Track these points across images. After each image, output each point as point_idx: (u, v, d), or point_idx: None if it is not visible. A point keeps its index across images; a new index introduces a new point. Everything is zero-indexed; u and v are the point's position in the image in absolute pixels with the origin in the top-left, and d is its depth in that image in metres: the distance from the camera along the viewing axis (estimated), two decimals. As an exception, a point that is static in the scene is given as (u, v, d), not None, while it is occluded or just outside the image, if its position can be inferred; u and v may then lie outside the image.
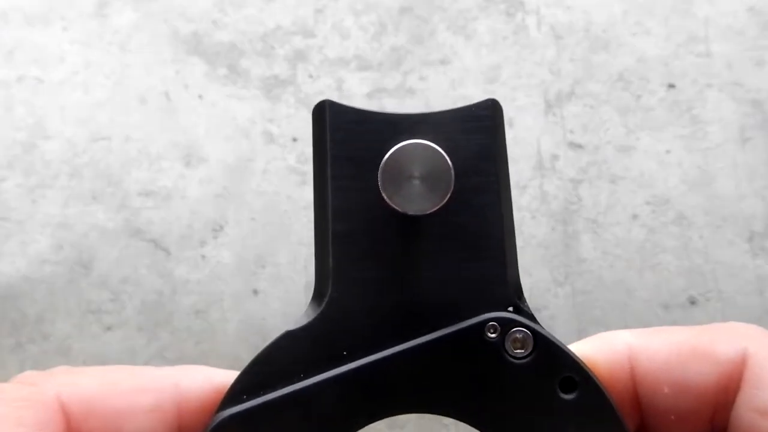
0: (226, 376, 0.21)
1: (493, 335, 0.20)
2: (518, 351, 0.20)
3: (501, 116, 0.22)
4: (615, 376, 0.21)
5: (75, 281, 0.81)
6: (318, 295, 0.21)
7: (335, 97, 0.89)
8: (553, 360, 0.20)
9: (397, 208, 0.20)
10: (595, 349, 0.21)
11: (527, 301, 0.22)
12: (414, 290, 0.21)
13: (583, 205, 0.83)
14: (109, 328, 0.80)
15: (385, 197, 0.20)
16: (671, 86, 0.88)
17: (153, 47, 0.91)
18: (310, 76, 0.89)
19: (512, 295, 0.21)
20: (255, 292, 0.81)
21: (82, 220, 0.83)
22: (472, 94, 0.87)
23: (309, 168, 0.93)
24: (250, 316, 0.80)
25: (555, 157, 0.85)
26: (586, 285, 0.80)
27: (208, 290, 0.81)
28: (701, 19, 0.91)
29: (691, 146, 0.85)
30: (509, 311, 0.21)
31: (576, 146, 0.85)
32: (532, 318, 0.21)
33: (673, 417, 0.20)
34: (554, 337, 0.21)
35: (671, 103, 0.87)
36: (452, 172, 0.20)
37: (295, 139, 0.86)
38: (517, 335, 0.20)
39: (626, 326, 0.78)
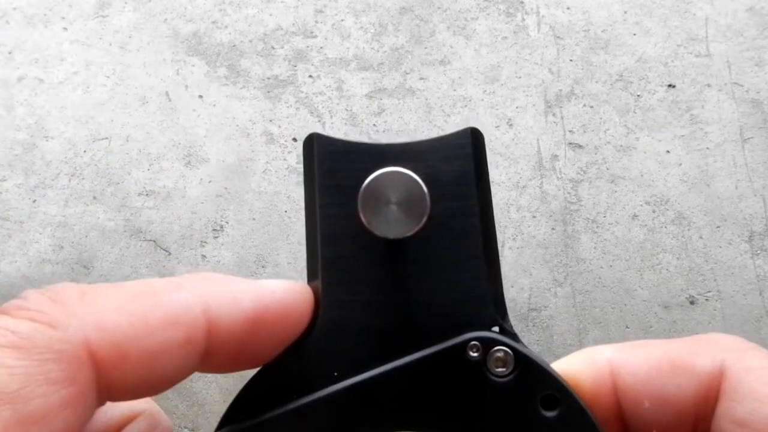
0: (253, 301, 0.20)
1: (475, 354, 0.21)
2: (500, 369, 0.21)
3: (480, 143, 0.23)
4: (599, 391, 0.21)
5: (75, 281, 0.81)
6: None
7: (335, 97, 0.89)
8: (534, 378, 0.21)
9: (376, 232, 0.21)
10: (579, 365, 0.21)
11: (527, 300, 0.22)
12: (401, 312, 0.22)
13: (582, 205, 0.83)
14: (109, 328, 0.80)
15: (365, 222, 0.21)
16: (671, 86, 0.88)
17: (153, 47, 0.91)
18: (310, 76, 0.89)
19: (495, 315, 0.22)
20: (255, 292, 0.81)
21: (83, 220, 0.83)
22: (472, 94, 0.87)
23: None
24: (250, 316, 0.80)
25: (555, 157, 0.85)
26: (586, 285, 0.80)
27: (208, 290, 0.81)
28: (701, 19, 0.91)
29: (691, 146, 0.85)
30: (492, 331, 0.21)
31: (576, 146, 0.85)
32: (515, 337, 0.22)
33: (655, 430, 0.20)
34: (536, 355, 0.21)
35: (671, 103, 0.87)
36: (427, 197, 0.21)
37: (295, 139, 0.86)
38: (499, 354, 0.21)
39: (626, 326, 0.78)
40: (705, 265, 0.81)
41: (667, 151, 0.85)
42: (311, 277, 0.23)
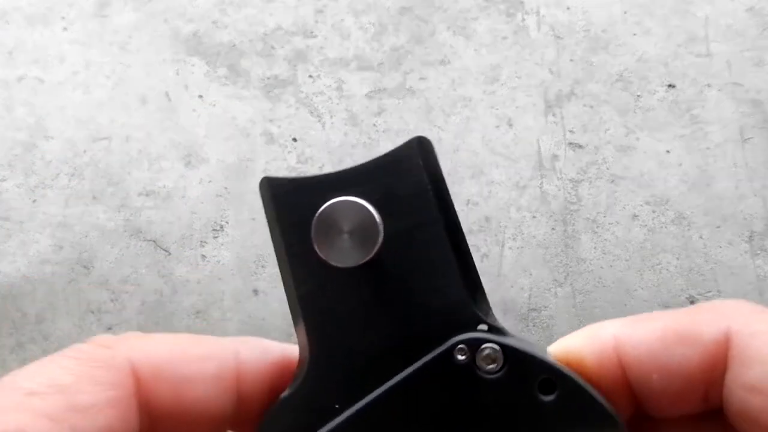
0: (282, 351, 0.22)
1: (463, 357, 0.21)
2: (491, 366, 0.21)
3: (429, 150, 0.23)
4: (604, 367, 0.21)
5: (75, 281, 0.81)
6: (302, 356, 0.22)
7: (335, 97, 0.89)
8: (525, 367, 0.21)
9: (332, 263, 0.21)
10: (582, 342, 0.22)
11: (527, 300, 0.22)
12: (386, 332, 0.22)
13: (583, 205, 0.83)
14: (109, 328, 0.80)
15: (320, 254, 0.21)
16: (671, 86, 0.88)
17: (153, 47, 0.91)
18: (310, 76, 0.89)
19: (477, 314, 0.22)
20: (255, 292, 0.81)
21: (82, 220, 0.83)
22: (472, 94, 0.87)
23: (310, 168, 0.93)
24: (250, 316, 0.80)
25: (555, 157, 0.85)
26: (586, 285, 0.80)
27: (208, 290, 0.81)
28: (701, 19, 0.91)
29: (691, 146, 0.85)
30: (478, 330, 0.21)
31: (576, 146, 0.85)
32: (501, 331, 0.21)
33: (665, 401, 0.20)
34: (525, 344, 0.21)
35: (671, 103, 0.87)
36: (377, 219, 0.21)
37: (295, 139, 0.86)
38: (486, 352, 0.21)
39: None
40: (705, 265, 0.81)
41: (667, 151, 0.85)
42: (295, 320, 0.23)
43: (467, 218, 0.82)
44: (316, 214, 0.21)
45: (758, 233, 0.81)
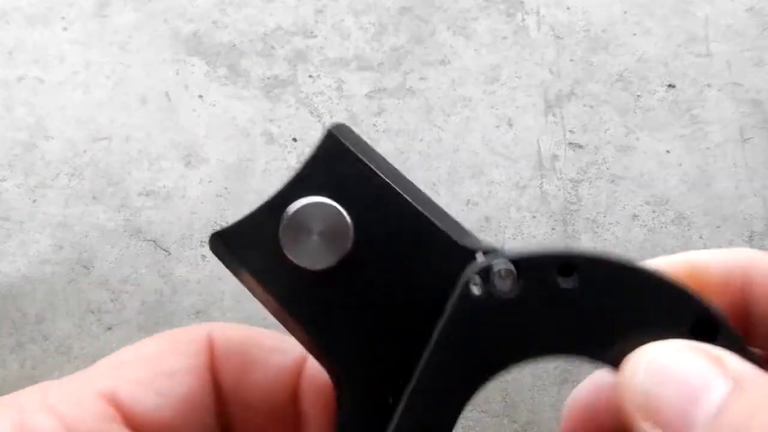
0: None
1: (479, 290, 0.20)
2: (508, 283, 0.20)
3: (348, 132, 0.23)
4: (729, 283, 0.22)
5: (75, 281, 0.81)
6: (336, 383, 0.22)
7: (335, 97, 0.89)
8: (538, 265, 0.20)
9: (311, 268, 0.21)
10: (712, 257, 0.23)
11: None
12: (396, 309, 0.21)
13: (583, 205, 0.83)
14: (109, 328, 0.80)
15: (302, 265, 0.21)
16: (671, 86, 0.88)
17: (153, 47, 0.91)
18: (310, 76, 0.89)
19: (468, 248, 0.21)
20: (255, 292, 0.81)
21: (82, 220, 0.83)
22: (472, 94, 0.87)
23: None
24: (250, 316, 0.80)
25: (555, 157, 0.85)
26: (586, 285, 0.80)
27: (208, 290, 0.81)
28: (701, 19, 0.91)
29: (691, 146, 0.85)
30: (477, 258, 0.21)
31: (576, 146, 0.85)
32: (497, 249, 0.21)
33: None
34: (526, 249, 0.21)
35: (671, 103, 0.87)
36: (341, 210, 0.21)
37: (295, 139, 0.86)
38: (497, 272, 0.20)
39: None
40: (705, 265, 0.81)
41: (667, 151, 0.85)
42: (309, 350, 0.23)
43: (467, 218, 0.82)
44: (281, 226, 0.22)
45: (758, 233, 0.81)
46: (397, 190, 0.22)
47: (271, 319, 0.24)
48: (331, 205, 0.21)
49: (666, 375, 0.18)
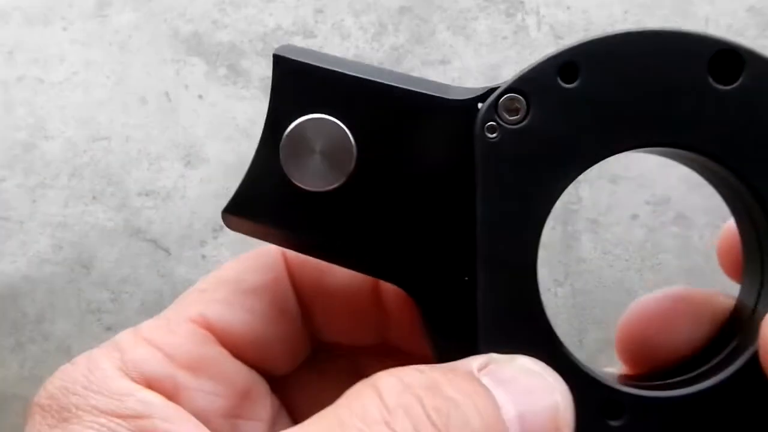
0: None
1: (494, 135, 0.20)
2: (520, 116, 0.20)
3: (293, 51, 0.23)
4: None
5: (75, 281, 0.81)
6: (409, 293, 0.22)
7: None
8: (541, 74, 0.20)
9: (304, 186, 0.21)
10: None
11: None
12: (425, 191, 0.21)
13: (583, 205, 0.83)
14: (109, 328, 0.80)
15: (293, 179, 0.21)
16: (671, 86, 0.88)
17: (153, 47, 0.91)
18: (310, 76, 0.89)
19: (462, 99, 0.21)
20: (255, 292, 0.81)
21: (82, 220, 0.83)
22: (472, 94, 0.87)
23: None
24: (250, 316, 0.80)
25: (555, 157, 0.85)
26: (586, 285, 0.80)
27: (208, 290, 0.81)
28: (701, 19, 0.91)
29: (691, 146, 0.85)
30: (480, 108, 0.20)
31: (576, 146, 0.85)
32: (493, 89, 0.21)
33: None
34: (517, 73, 0.20)
35: (671, 103, 0.87)
36: (331, 119, 0.20)
37: (295, 139, 0.86)
38: (506, 105, 0.20)
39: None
40: (705, 266, 0.81)
41: (668, 151, 0.85)
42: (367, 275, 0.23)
43: (467, 218, 0.82)
44: (282, 160, 0.21)
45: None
46: (368, 78, 0.21)
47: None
48: (320, 118, 0.21)
49: None
